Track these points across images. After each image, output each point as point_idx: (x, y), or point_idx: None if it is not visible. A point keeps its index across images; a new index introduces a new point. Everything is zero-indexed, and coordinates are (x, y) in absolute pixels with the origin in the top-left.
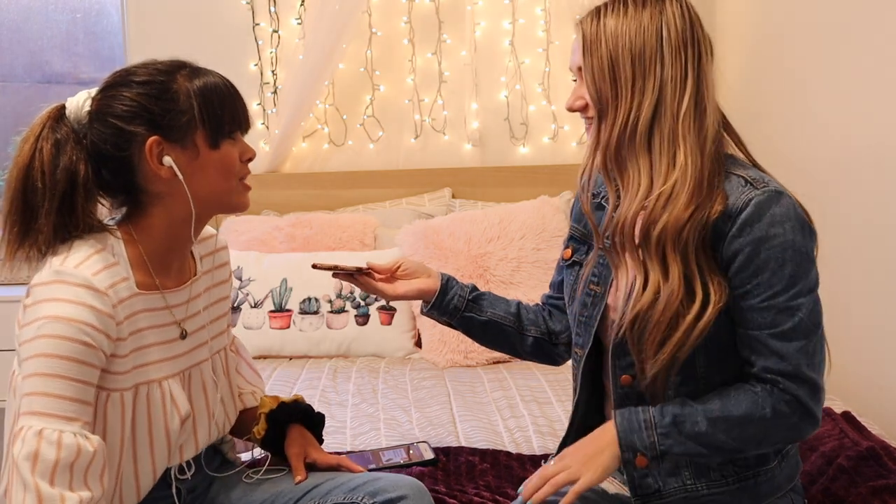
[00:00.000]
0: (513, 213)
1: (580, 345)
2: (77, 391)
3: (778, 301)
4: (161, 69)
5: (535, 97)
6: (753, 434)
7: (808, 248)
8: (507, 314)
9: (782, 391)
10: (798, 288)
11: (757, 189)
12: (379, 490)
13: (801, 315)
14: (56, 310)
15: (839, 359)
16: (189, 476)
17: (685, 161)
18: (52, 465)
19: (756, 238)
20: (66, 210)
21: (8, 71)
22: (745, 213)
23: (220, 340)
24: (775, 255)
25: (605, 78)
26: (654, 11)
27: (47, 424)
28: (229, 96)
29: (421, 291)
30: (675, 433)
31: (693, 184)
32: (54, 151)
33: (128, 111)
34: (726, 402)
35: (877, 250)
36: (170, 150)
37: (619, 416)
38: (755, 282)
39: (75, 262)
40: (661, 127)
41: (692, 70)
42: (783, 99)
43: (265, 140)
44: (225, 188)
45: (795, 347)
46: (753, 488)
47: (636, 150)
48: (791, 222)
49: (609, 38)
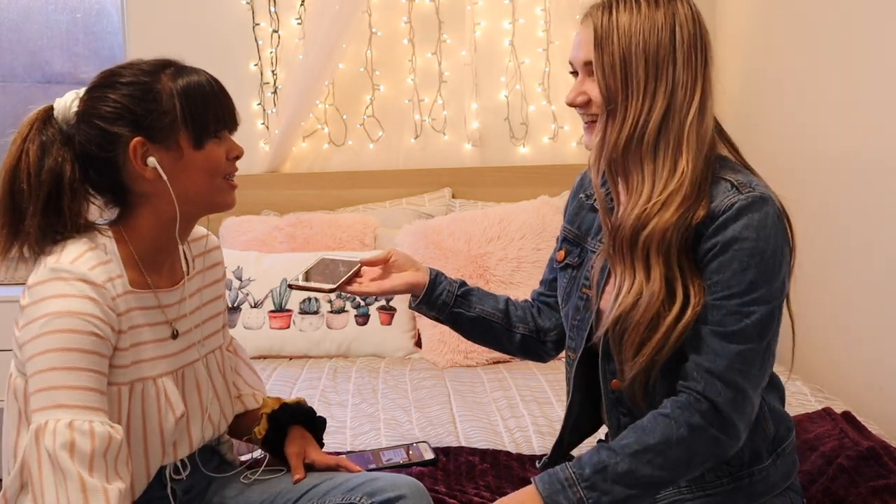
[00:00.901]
0: (513, 213)
1: (573, 348)
2: (97, 382)
3: (731, 303)
4: (146, 69)
5: (535, 97)
6: (678, 458)
7: (776, 260)
8: (495, 310)
9: (697, 401)
10: (754, 296)
11: (742, 194)
12: (377, 490)
13: (749, 322)
14: (60, 305)
15: (839, 359)
16: (184, 476)
17: (685, 168)
18: (89, 454)
19: (728, 238)
20: (52, 211)
21: (8, 71)
22: (726, 214)
23: (214, 340)
24: (741, 257)
25: (616, 76)
26: (667, 11)
27: (76, 416)
28: (214, 95)
29: (410, 285)
30: (599, 481)
31: (687, 190)
32: (39, 153)
33: (112, 112)
34: (642, 434)
35: (877, 251)
36: (154, 151)
37: (539, 482)
38: (715, 278)
39: (70, 258)
40: (669, 133)
41: (701, 75)
42: (783, 100)
43: (265, 140)
44: (210, 188)
45: (733, 350)
46: (749, 487)
47: (642, 154)
48: (766, 231)
49: (622, 35)
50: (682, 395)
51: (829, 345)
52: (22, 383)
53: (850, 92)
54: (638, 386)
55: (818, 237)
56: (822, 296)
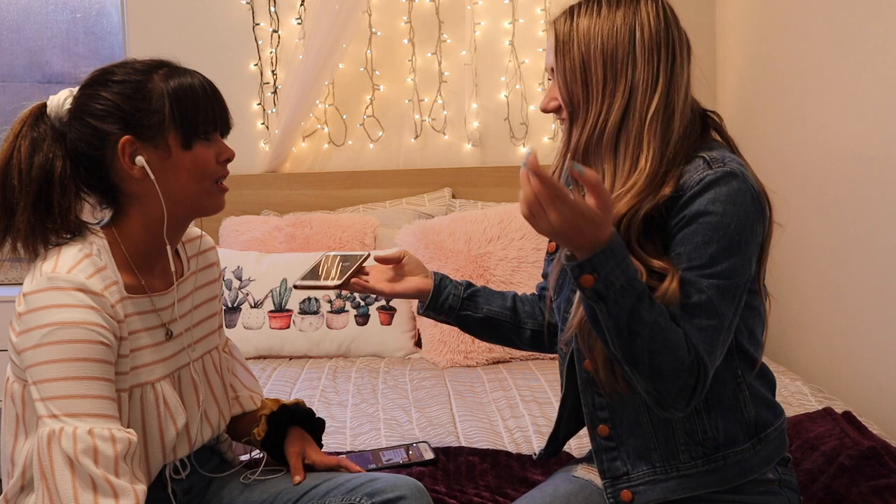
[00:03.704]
0: (513, 213)
1: (565, 342)
2: (109, 390)
3: (690, 274)
4: (138, 69)
5: (535, 97)
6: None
7: (742, 237)
8: (503, 309)
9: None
10: (714, 269)
11: (712, 169)
12: (377, 491)
13: (708, 295)
14: (62, 316)
15: (839, 359)
16: (184, 476)
17: (645, 164)
18: (113, 459)
19: (694, 211)
20: (41, 206)
21: (8, 71)
22: (693, 190)
23: (210, 340)
24: (703, 230)
25: (577, 80)
26: (627, 11)
27: (94, 424)
28: (206, 97)
29: (418, 290)
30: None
31: (644, 183)
32: (30, 149)
33: (102, 110)
34: (672, 325)
35: (877, 250)
36: (142, 150)
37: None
38: (678, 250)
39: (66, 267)
40: (629, 130)
41: (664, 72)
42: (784, 98)
43: (265, 140)
44: (197, 189)
45: (696, 325)
46: (722, 469)
47: (602, 153)
48: (733, 206)
49: (581, 39)
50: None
51: (829, 345)
52: (20, 388)
53: (852, 89)
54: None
55: (819, 235)
56: (822, 295)
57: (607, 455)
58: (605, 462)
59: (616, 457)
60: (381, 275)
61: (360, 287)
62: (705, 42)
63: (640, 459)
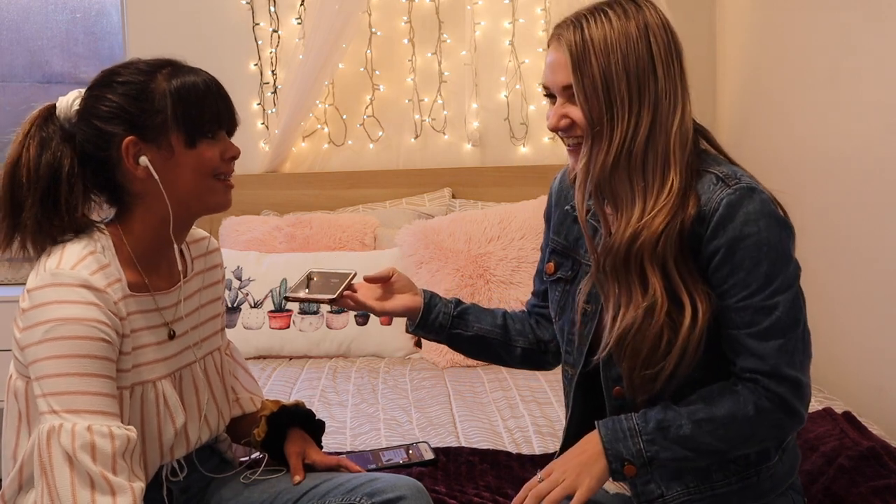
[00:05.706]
0: (513, 213)
1: (571, 363)
2: (110, 387)
3: (754, 300)
4: (142, 69)
5: (535, 97)
6: (738, 433)
7: (783, 245)
8: (493, 327)
9: (764, 388)
10: (775, 286)
11: (729, 187)
12: (376, 491)
13: (779, 313)
14: (66, 312)
15: (839, 359)
16: (181, 477)
17: (675, 179)
18: (111, 456)
19: (731, 238)
20: (48, 203)
21: (8, 71)
22: (718, 213)
23: (212, 341)
24: (750, 254)
25: (600, 97)
26: (638, 21)
27: (93, 420)
28: (210, 95)
29: (407, 308)
30: (660, 438)
31: (675, 201)
32: (39, 149)
33: (107, 112)
34: (709, 404)
35: (877, 251)
36: (146, 151)
37: (602, 427)
38: (731, 281)
39: (70, 263)
40: (656, 146)
41: (681, 82)
42: (783, 101)
43: (265, 140)
44: (201, 187)
45: (773, 347)
46: (756, 485)
47: (630, 173)
48: (765, 219)
49: (599, 53)
50: (748, 383)
51: (829, 345)
52: (23, 385)
53: (852, 92)
54: (643, 395)
55: (818, 237)
56: (821, 296)
57: (640, 479)
58: (638, 486)
59: (650, 480)
60: (370, 292)
61: (353, 305)
62: (705, 45)
63: (673, 481)
